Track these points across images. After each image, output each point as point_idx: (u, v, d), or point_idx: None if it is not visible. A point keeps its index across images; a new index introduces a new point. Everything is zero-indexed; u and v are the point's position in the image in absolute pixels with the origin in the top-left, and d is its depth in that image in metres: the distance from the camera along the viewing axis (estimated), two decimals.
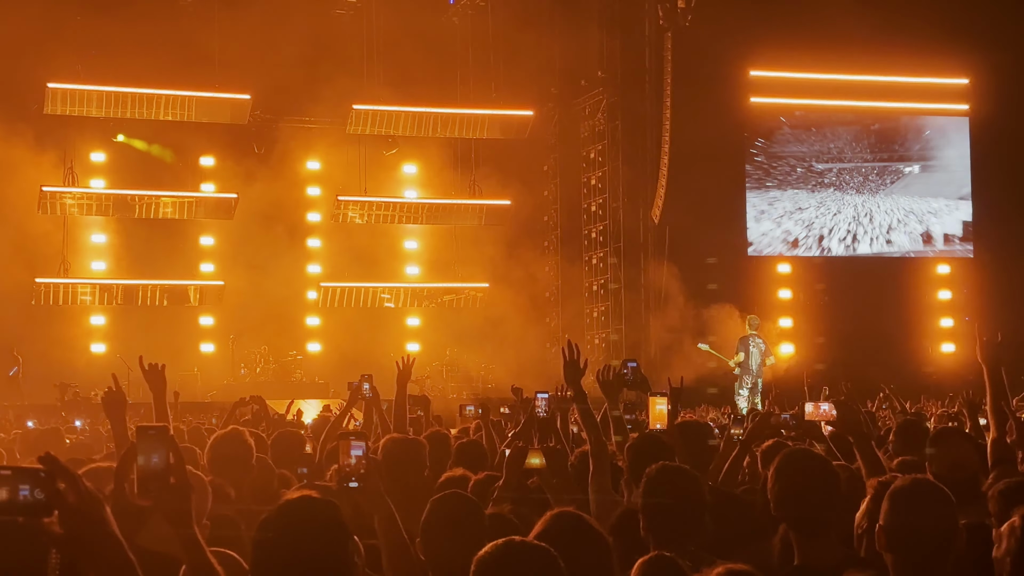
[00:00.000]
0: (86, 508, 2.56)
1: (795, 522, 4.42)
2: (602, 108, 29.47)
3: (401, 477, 5.81)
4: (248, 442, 6.42)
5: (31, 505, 2.51)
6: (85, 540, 2.57)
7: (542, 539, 3.36)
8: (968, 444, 6.19)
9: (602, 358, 28.71)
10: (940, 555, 3.71)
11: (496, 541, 3.17)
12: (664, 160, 27.43)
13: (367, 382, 9.08)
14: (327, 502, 3.40)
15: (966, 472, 5.78)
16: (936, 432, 6.57)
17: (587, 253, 30.18)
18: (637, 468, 5.54)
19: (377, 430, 8.86)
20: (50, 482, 2.52)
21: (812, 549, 4.31)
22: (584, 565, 3.60)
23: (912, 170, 29.91)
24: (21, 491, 2.52)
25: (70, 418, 18.56)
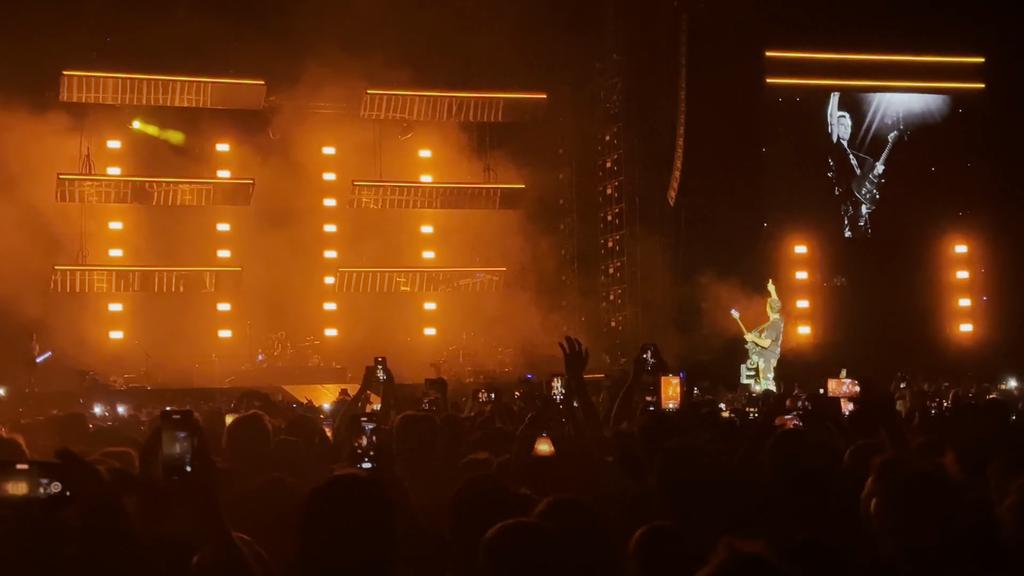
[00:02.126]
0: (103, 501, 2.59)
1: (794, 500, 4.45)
2: (617, 91, 29.40)
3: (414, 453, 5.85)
4: (266, 426, 6.44)
5: (49, 499, 2.54)
6: (102, 533, 2.60)
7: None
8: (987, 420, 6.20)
9: (619, 341, 28.72)
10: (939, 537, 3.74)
11: (504, 522, 3.22)
12: (680, 142, 27.38)
13: (381, 365, 9.10)
14: (373, 481, 3.45)
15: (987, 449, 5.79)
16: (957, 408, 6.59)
17: (603, 236, 30.14)
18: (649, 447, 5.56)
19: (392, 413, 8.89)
20: (68, 475, 2.55)
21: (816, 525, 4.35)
22: (585, 552, 3.65)
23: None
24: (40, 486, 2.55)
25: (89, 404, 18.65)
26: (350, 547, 3.30)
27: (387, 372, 9.13)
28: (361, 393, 9.70)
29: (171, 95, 26.61)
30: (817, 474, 4.55)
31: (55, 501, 2.54)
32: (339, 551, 3.30)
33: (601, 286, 30.17)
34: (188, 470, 2.95)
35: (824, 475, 4.60)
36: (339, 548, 3.30)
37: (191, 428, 2.97)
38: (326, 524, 3.32)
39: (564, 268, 30.76)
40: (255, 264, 27.11)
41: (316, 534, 3.32)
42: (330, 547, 3.30)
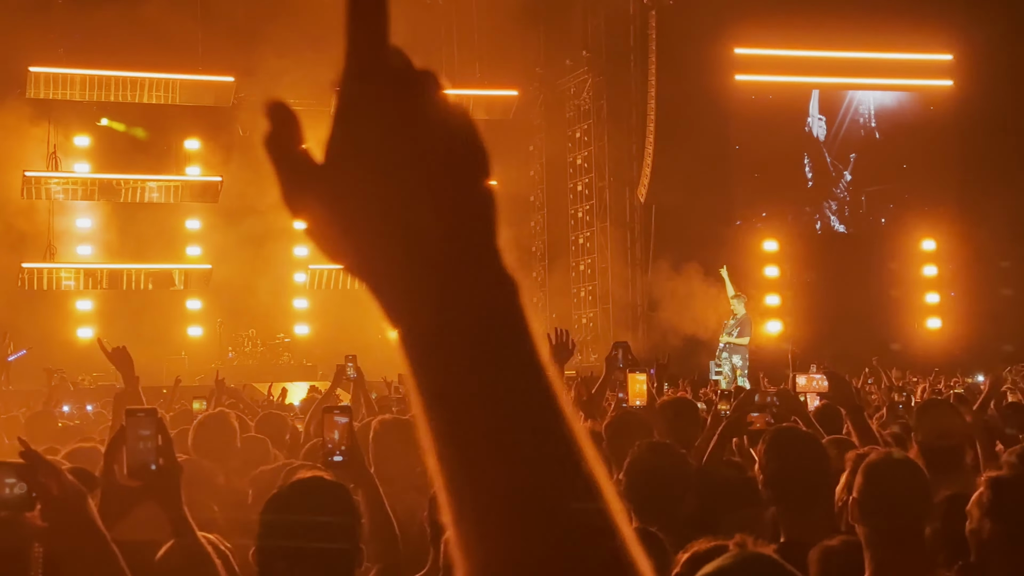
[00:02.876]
0: (68, 501, 2.57)
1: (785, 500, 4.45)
2: (587, 87, 29.44)
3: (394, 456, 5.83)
4: (233, 424, 6.43)
5: (14, 500, 2.53)
6: (67, 533, 2.58)
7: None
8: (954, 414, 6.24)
9: (589, 337, 28.75)
10: (912, 528, 3.76)
11: None
12: (650, 139, 27.44)
13: (351, 363, 9.10)
14: (338, 484, 3.40)
15: (951, 441, 5.83)
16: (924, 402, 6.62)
17: (573, 232, 30.18)
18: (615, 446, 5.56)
19: (362, 410, 8.89)
20: (32, 475, 2.53)
21: (799, 526, 4.35)
22: None
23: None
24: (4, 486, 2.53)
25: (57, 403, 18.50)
26: (311, 553, 3.24)
27: (357, 370, 9.13)
28: (331, 391, 9.69)
29: (139, 92, 26.46)
30: (809, 473, 4.55)
31: (20, 501, 2.53)
32: (300, 557, 3.24)
33: (571, 283, 30.21)
34: (153, 468, 2.93)
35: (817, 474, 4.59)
36: (300, 554, 3.24)
37: (156, 426, 2.96)
38: (286, 529, 3.25)
39: (534, 265, 30.78)
40: (225, 261, 27.01)
41: (274, 539, 3.27)
42: (290, 554, 3.24)
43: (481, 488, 0.91)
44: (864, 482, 3.79)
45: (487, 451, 0.91)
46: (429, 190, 0.93)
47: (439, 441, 0.92)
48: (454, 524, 0.92)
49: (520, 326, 0.95)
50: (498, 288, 0.95)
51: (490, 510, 0.90)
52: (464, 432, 0.91)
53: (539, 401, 0.92)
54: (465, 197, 0.94)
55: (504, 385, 0.92)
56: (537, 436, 0.91)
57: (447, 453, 0.92)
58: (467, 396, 0.91)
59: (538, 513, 0.89)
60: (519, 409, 0.92)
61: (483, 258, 0.94)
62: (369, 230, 0.95)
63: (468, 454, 0.91)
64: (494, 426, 0.91)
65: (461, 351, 0.92)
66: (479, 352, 0.92)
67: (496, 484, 0.90)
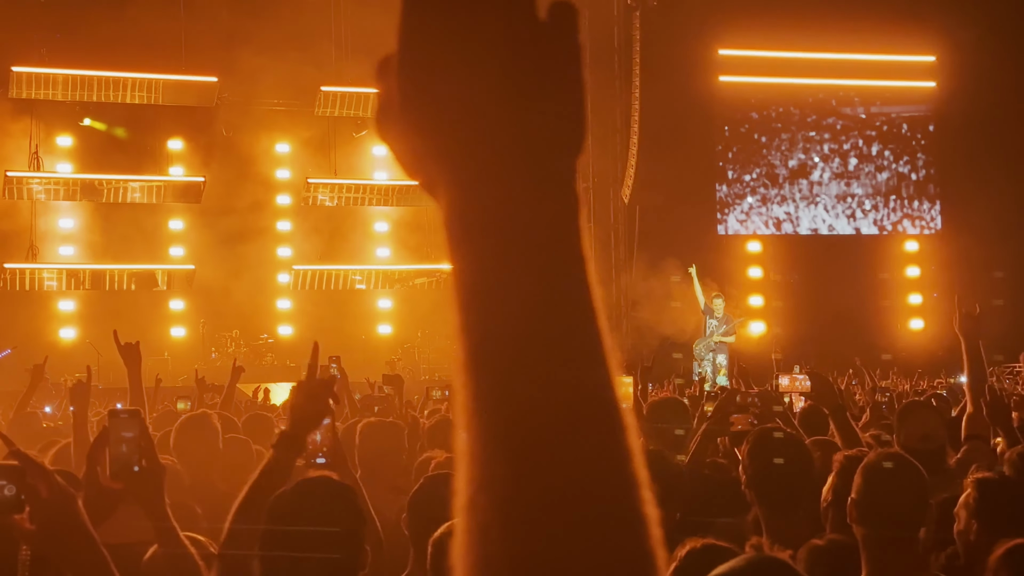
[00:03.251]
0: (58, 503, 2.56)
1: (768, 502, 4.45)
2: None
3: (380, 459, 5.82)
4: (215, 425, 6.41)
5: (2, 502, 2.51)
6: (57, 535, 2.57)
7: None
8: (936, 417, 6.25)
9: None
10: (910, 529, 3.75)
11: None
12: (633, 140, 27.46)
13: (335, 364, 9.09)
14: (345, 485, 3.39)
15: (933, 444, 5.84)
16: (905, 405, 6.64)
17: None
18: None
19: (346, 411, 8.88)
20: (21, 477, 2.52)
21: (782, 528, 4.35)
22: None
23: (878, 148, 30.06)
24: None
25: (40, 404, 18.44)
26: (317, 555, 3.21)
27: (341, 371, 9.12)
28: None
29: (122, 92, 26.36)
30: (792, 475, 4.55)
31: (8, 503, 2.51)
32: (305, 558, 3.21)
33: None
34: (136, 470, 2.92)
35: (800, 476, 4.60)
36: (305, 556, 3.21)
37: (139, 427, 2.94)
38: (290, 534, 3.21)
39: None
40: (208, 262, 26.94)
41: (281, 540, 3.23)
42: (296, 555, 3.20)
43: (507, 396, 0.87)
44: (863, 483, 3.78)
45: (518, 359, 0.87)
46: (520, 76, 0.90)
47: (470, 342, 0.89)
48: (476, 450, 0.88)
49: (575, 238, 0.91)
50: (564, 197, 0.91)
51: (517, 426, 0.87)
52: (498, 334, 0.88)
53: (576, 307, 0.90)
54: (558, 95, 0.92)
55: (549, 288, 0.89)
56: (573, 352, 0.89)
57: (478, 355, 0.89)
58: (509, 292, 0.89)
59: (568, 433, 0.87)
60: (556, 310, 0.89)
61: (557, 164, 0.92)
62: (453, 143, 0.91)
63: (498, 359, 0.88)
64: (530, 331, 0.88)
65: (513, 243, 0.89)
66: (530, 250, 0.89)
67: (525, 390, 0.87)
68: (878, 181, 29.92)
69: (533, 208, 0.89)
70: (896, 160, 30.07)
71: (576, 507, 0.86)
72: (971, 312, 6.65)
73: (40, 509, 2.53)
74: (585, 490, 0.86)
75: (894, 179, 29.99)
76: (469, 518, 0.87)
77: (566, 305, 0.90)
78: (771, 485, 4.45)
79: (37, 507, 2.53)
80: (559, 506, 0.85)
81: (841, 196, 29.77)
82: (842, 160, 29.85)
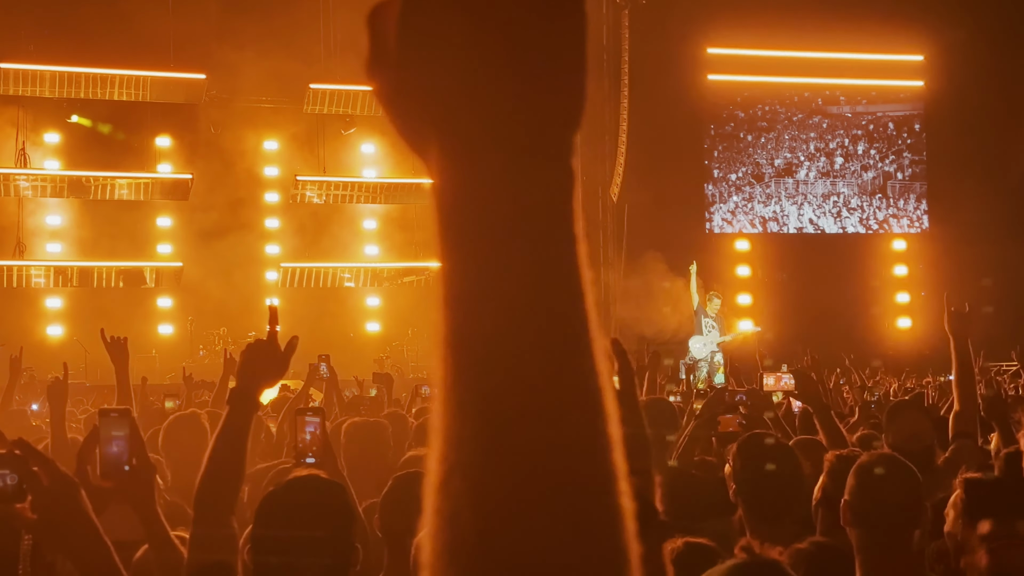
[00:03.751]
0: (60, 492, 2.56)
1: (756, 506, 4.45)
2: None
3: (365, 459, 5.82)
4: (204, 425, 6.40)
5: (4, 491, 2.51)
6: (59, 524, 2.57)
7: None
8: (924, 416, 6.26)
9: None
10: (905, 531, 3.75)
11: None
12: (622, 138, 27.49)
13: (324, 362, 9.09)
14: (335, 483, 3.37)
15: (921, 444, 5.85)
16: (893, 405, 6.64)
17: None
18: None
19: (335, 409, 8.87)
20: (23, 467, 2.52)
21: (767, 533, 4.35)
22: None
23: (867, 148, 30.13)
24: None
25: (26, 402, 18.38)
26: (307, 556, 3.18)
27: (330, 369, 9.12)
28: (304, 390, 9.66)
29: (109, 88, 26.30)
30: (782, 481, 4.54)
31: (10, 492, 2.52)
32: (295, 560, 3.18)
33: None
34: (126, 469, 2.91)
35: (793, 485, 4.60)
36: (296, 557, 3.17)
37: (129, 426, 2.94)
38: (280, 529, 3.18)
39: None
40: (196, 259, 26.89)
41: (268, 540, 3.21)
42: (286, 556, 3.17)
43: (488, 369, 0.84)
44: (856, 484, 3.77)
45: (502, 338, 0.85)
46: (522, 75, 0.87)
47: (453, 316, 0.86)
48: (452, 431, 0.85)
49: (568, 216, 0.88)
50: (559, 171, 0.88)
51: (495, 409, 0.84)
52: (483, 310, 0.85)
53: (564, 286, 0.87)
54: (560, 68, 0.88)
55: (538, 266, 0.86)
56: (559, 336, 0.86)
57: (461, 331, 0.86)
58: (496, 268, 0.86)
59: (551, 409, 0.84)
60: (543, 287, 0.86)
61: (555, 137, 0.88)
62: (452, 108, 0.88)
63: (481, 337, 0.85)
64: (512, 298, 0.85)
65: (503, 215, 0.86)
66: (521, 224, 0.86)
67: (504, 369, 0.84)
68: (865, 180, 30.00)
69: (527, 180, 0.86)
70: (883, 159, 30.15)
71: (551, 495, 0.83)
72: (960, 310, 6.66)
73: (42, 498, 2.54)
74: (562, 478, 0.83)
75: (881, 178, 30.07)
76: (440, 501, 0.84)
77: (554, 285, 0.86)
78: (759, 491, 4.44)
79: (39, 496, 2.54)
80: (534, 493, 0.83)
81: (828, 195, 29.83)
82: (829, 159, 29.91)
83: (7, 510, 2.54)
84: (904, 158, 30.23)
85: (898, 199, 30.08)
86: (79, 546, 2.59)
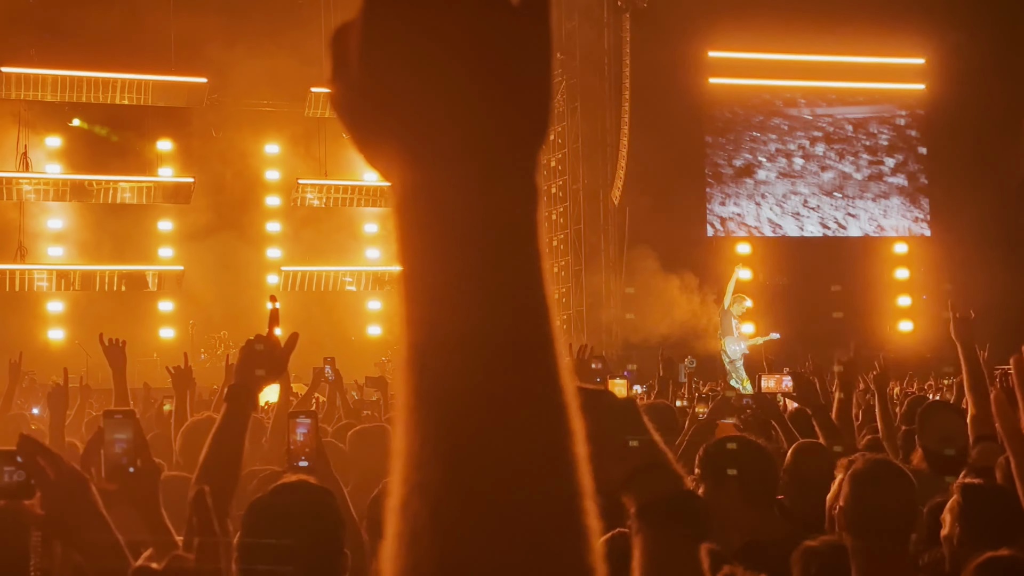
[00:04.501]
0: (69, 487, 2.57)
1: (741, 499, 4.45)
2: (561, 90, 29.43)
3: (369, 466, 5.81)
4: None
5: (12, 487, 2.51)
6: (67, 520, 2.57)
7: None
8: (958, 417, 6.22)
9: (563, 339, 28.73)
10: (901, 537, 3.74)
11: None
12: (624, 142, 27.48)
13: (329, 365, 9.08)
14: (323, 489, 3.34)
15: (956, 445, 5.82)
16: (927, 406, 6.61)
17: (548, 234, 30.16)
18: None
19: (339, 412, 8.87)
20: (31, 463, 2.52)
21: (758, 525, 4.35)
22: None
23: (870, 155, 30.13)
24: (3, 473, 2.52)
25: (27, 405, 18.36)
26: (294, 564, 3.15)
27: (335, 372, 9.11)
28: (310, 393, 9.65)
29: (111, 92, 26.33)
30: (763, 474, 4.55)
31: (18, 488, 2.52)
32: (282, 569, 3.15)
33: None
34: (131, 471, 2.91)
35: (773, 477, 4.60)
36: (282, 564, 3.14)
37: (133, 428, 2.93)
38: (268, 535, 3.15)
39: None
40: (198, 263, 26.91)
41: (255, 547, 3.17)
42: (273, 564, 3.14)
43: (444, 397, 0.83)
44: (850, 491, 3.77)
45: (464, 356, 0.83)
46: (483, 64, 0.87)
47: (415, 335, 0.86)
48: (412, 450, 0.83)
49: (532, 232, 0.87)
50: (523, 189, 0.87)
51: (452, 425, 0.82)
52: (445, 328, 0.84)
53: (526, 302, 0.86)
54: (524, 87, 0.89)
55: (501, 283, 0.85)
56: (522, 353, 0.84)
57: (422, 349, 0.85)
58: (459, 284, 0.84)
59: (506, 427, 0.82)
60: (504, 304, 0.85)
61: (518, 154, 0.88)
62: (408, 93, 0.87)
63: (443, 355, 0.84)
64: (474, 320, 0.84)
65: (467, 232, 0.84)
66: (485, 240, 0.85)
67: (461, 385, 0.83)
68: (866, 183, 29.96)
69: (491, 197, 0.85)
70: (885, 162, 30.12)
71: (513, 517, 0.81)
72: (965, 316, 6.62)
73: (50, 493, 2.54)
74: (524, 500, 0.81)
75: (883, 181, 30.04)
76: (401, 522, 0.82)
77: (518, 303, 0.85)
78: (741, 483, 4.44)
79: (47, 492, 2.54)
80: (496, 514, 0.81)
81: (830, 198, 29.79)
82: (831, 162, 29.88)
83: (15, 506, 2.54)
84: (906, 161, 30.21)
85: (899, 202, 30.06)
86: (89, 540, 2.59)
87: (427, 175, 0.86)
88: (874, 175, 29.97)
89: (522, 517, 0.81)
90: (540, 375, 0.85)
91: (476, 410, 0.83)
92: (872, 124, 30.18)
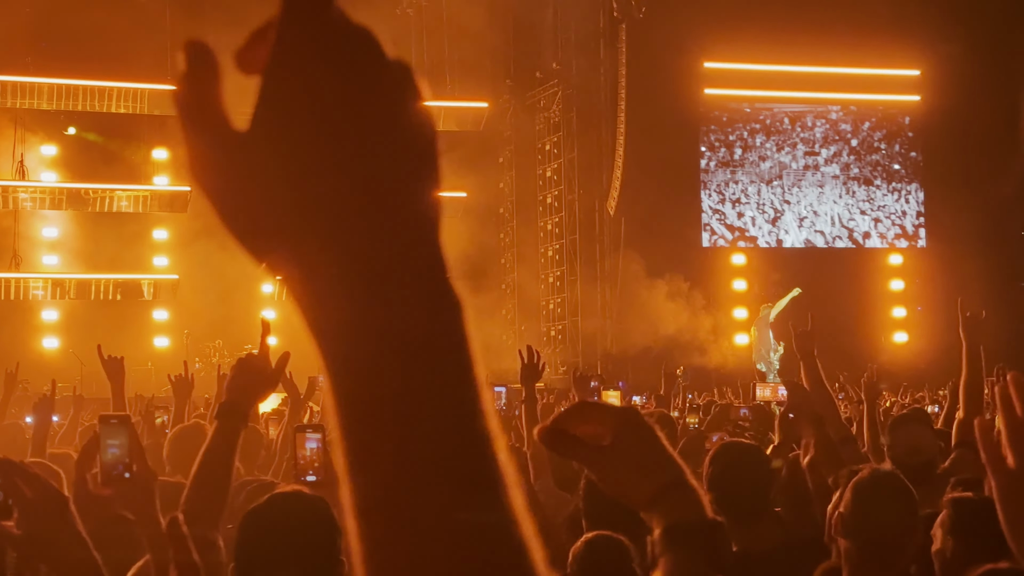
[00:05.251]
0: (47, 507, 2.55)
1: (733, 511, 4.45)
2: (557, 100, 29.49)
3: None
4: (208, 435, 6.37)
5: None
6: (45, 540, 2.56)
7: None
8: (926, 429, 6.22)
9: (558, 349, 28.75)
10: (897, 547, 3.74)
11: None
12: (619, 151, 27.51)
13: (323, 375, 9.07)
14: (318, 498, 3.32)
15: (924, 457, 5.82)
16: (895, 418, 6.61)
17: (543, 245, 30.20)
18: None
19: None
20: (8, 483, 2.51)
21: (749, 535, 4.35)
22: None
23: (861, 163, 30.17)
24: None
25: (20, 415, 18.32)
26: (289, 574, 3.12)
27: None
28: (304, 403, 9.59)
29: (107, 101, 26.33)
30: (754, 483, 4.55)
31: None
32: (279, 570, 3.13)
33: (541, 295, 30.22)
34: (126, 476, 2.90)
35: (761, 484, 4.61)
36: (279, 572, 3.12)
37: (128, 434, 2.92)
38: (263, 546, 3.13)
39: (503, 277, 30.76)
40: (193, 272, 26.87)
41: (251, 557, 3.15)
42: (270, 572, 3.11)
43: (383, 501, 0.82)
44: (851, 499, 3.77)
45: (396, 473, 0.82)
46: (372, 183, 0.84)
47: (350, 460, 0.84)
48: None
49: (458, 346, 0.84)
50: (440, 303, 0.86)
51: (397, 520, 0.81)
52: (378, 451, 0.82)
53: (468, 425, 0.83)
54: (414, 197, 0.86)
55: (433, 407, 0.82)
56: (457, 459, 0.82)
57: (358, 470, 0.84)
58: (389, 412, 0.83)
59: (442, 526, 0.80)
60: (443, 432, 0.82)
61: (425, 269, 0.87)
62: (293, 217, 0.87)
63: (375, 474, 0.82)
64: (412, 447, 0.81)
65: (390, 364, 0.83)
66: (410, 367, 0.82)
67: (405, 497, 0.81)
68: (860, 193, 29.99)
69: (410, 324, 0.84)
70: (880, 172, 30.16)
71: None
72: (976, 315, 6.58)
73: (27, 514, 2.52)
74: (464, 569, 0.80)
75: (878, 191, 30.07)
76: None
77: (450, 422, 0.82)
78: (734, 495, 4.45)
79: (25, 511, 2.52)
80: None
81: (825, 209, 29.83)
82: (826, 173, 29.92)
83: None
84: (900, 172, 30.25)
85: (894, 213, 30.09)
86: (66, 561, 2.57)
87: (315, 286, 0.92)
88: (869, 185, 30.00)
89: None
90: (474, 496, 0.82)
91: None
92: (867, 135, 30.22)
